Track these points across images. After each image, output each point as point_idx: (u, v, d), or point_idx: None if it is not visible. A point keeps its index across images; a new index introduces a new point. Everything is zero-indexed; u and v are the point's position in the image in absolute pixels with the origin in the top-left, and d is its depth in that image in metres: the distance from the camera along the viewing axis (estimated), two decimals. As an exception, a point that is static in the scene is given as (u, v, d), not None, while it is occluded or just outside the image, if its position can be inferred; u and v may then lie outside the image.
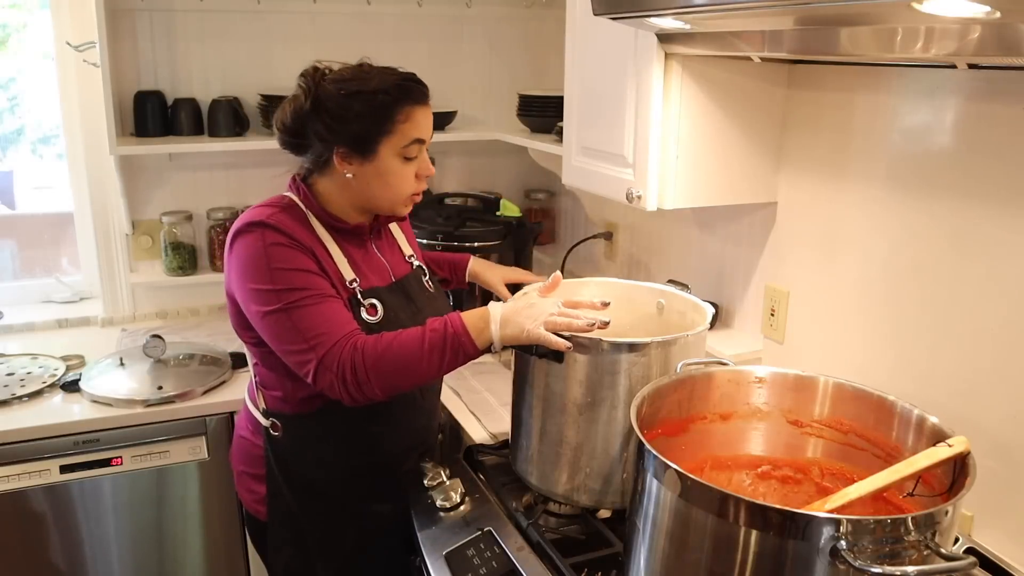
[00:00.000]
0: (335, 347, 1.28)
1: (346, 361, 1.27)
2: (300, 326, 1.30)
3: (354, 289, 1.41)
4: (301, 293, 1.31)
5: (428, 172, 1.43)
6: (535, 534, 1.34)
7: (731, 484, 1.21)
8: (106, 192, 2.37)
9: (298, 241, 1.35)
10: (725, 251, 1.92)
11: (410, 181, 1.41)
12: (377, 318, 1.42)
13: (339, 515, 1.55)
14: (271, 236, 1.33)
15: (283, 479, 1.51)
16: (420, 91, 1.38)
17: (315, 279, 1.34)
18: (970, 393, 1.32)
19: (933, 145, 1.36)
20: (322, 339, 1.29)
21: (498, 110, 2.74)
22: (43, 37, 2.40)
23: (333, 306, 1.34)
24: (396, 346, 1.28)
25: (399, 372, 1.28)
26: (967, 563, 0.84)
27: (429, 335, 1.28)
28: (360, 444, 1.51)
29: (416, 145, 1.38)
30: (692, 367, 1.24)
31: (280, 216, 1.37)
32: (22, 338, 2.34)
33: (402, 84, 1.36)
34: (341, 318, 1.33)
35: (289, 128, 1.38)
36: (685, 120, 1.58)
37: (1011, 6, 0.83)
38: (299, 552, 1.55)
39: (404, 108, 1.35)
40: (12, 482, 1.84)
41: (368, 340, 1.29)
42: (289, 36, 2.44)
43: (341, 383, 1.28)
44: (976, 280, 1.30)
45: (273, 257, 1.32)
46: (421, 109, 1.38)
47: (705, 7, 1.11)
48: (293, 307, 1.31)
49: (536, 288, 1.45)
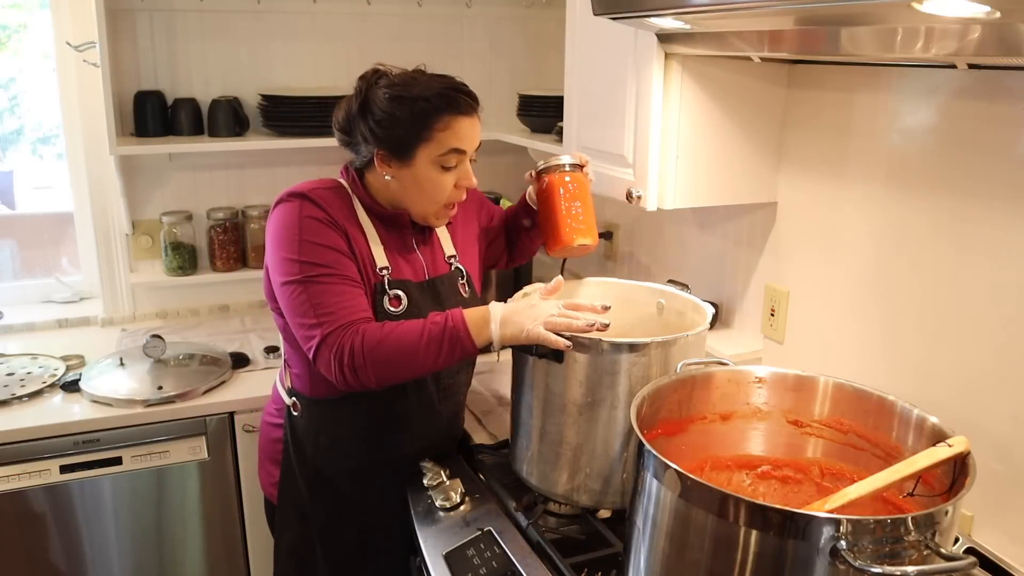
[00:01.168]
0: (340, 328, 1.31)
1: (346, 343, 1.29)
2: (314, 300, 1.32)
3: (383, 276, 1.43)
4: (323, 269, 1.34)
5: (467, 183, 1.43)
6: (535, 534, 1.34)
7: (731, 484, 1.21)
8: (106, 192, 2.37)
9: (334, 219, 1.38)
10: (725, 251, 1.92)
11: (445, 190, 1.41)
12: (400, 309, 1.43)
13: (343, 507, 1.56)
14: (308, 208, 1.37)
15: (296, 461, 1.55)
16: (464, 101, 1.38)
17: (342, 259, 1.36)
18: (970, 393, 1.32)
19: (933, 145, 1.36)
20: (331, 318, 1.31)
21: (498, 110, 2.74)
22: (43, 37, 2.40)
23: (351, 290, 1.36)
24: (396, 335, 1.30)
25: (395, 360, 1.30)
26: (967, 563, 0.84)
27: (429, 327, 1.30)
28: (372, 439, 1.53)
29: (454, 155, 1.38)
30: (692, 367, 1.24)
31: (323, 192, 1.41)
32: (22, 338, 2.34)
33: (445, 92, 1.37)
34: (356, 304, 1.35)
35: (342, 127, 1.44)
36: (685, 120, 1.58)
37: (1011, 6, 0.83)
38: (303, 536, 1.58)
39: (444, 117, 1.36)
40: (12, 482, 1.84)
41: (371, 326, 1.31)
42: (289, 36, 2.44)
43: (338, 364, 1.30)
44: (976, 280, 1.30)
45: (305, 229, 1.35)
46: (464, 120, 1.38)
47: (705, 7, 1.11)
48: (312, 281, 1.33)
49: (538, 289, 1.45)
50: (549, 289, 1.43)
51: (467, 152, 1.40)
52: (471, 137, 1.40)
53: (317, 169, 2.45)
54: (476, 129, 1.41)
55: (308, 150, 2.33)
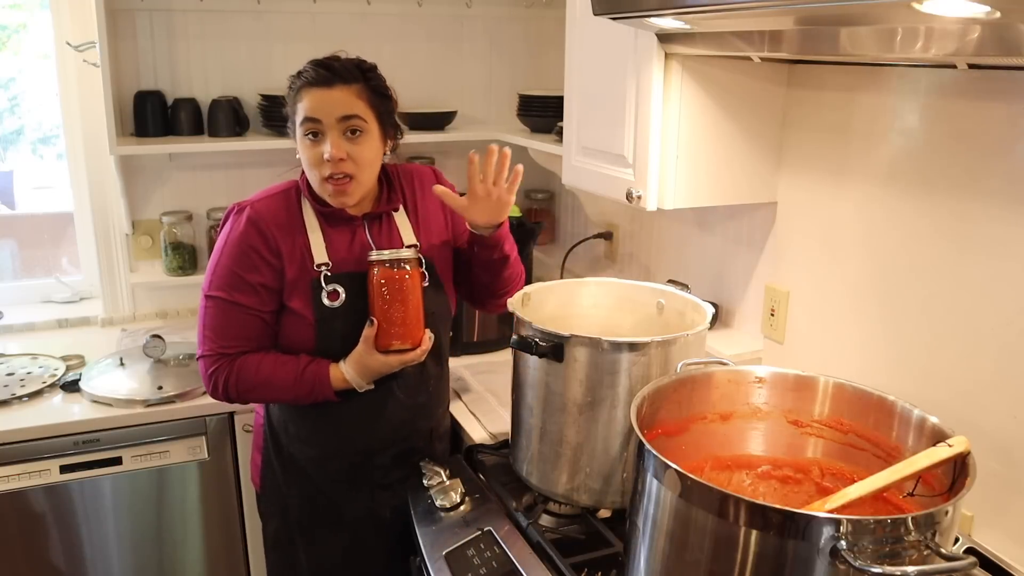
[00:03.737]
0: (218, 356, 1.46)
1: (220, 375, 1.46)
2: (207, 317, 1.47)
3: (320, 273, 1.47)
4: (227, 294, 1.45)
5: (327, 155, 1.40)
6: (535, 534, 1.34)
7: (731, 484, 1.21)
8: (106, 192, 2.37)
9: (267, 237, 1.45)
10: (725, 251, 1.92)
11: (314, 161, 1.43)
12: (338, 303, 1.48)
13: (317, 497, 1.59)
14: (242, 231, 1.45)
15: (274, 451, 1.60)
16: (317, 73, 1.41)
17: (249, 289, 1.45)
18: (970, 393, 1.32)
19: (933, 145, 1.36)
20: (213, 344, 1.46)
21: (498, 110, 2.74)
22: (43, 37, 2.40)
23: (245, 320, 1.46)
24: (266, 385, 1.47)
25: (264, 398, 1.55)
26: (967, 563, 0.84)
27: (298, 385, 1.46)
28: (331, 428, 1.55)
29: (309, 123, 1.41)
30: (692, 367, 1.24)
31: (267, 204, 1.48)
32: (22, 338, 2.34)
33: (304, 68, 1.43)
34: (243, 333, 1.46)
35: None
36: (685, 120, 1.58)
37: (1011, 6, 0.83)
38: (283, 525, 1.63)
39: (301, 90, 1.42)
40: (12, 482, 1.84)
41: (247, 366, 1.46)
42: (289, 36, 2.44)
43: (212, 387, 1.48)
44: (976, 280, 1.30)
45: (230, 252, 1.46)
46: (315, 91, 1.41)
47: (705, 7, 1.10)
48: (214, 301, 1.46)
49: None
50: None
51: (321, 122, 1.40)
52: (322, 108, 1.40)
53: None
54: (330, 99, 1.40)
55: (308, 150, 2.32)
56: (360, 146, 1.43)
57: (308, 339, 1.48)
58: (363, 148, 1.43)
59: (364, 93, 1.43)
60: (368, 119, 1.43)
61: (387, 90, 1.48)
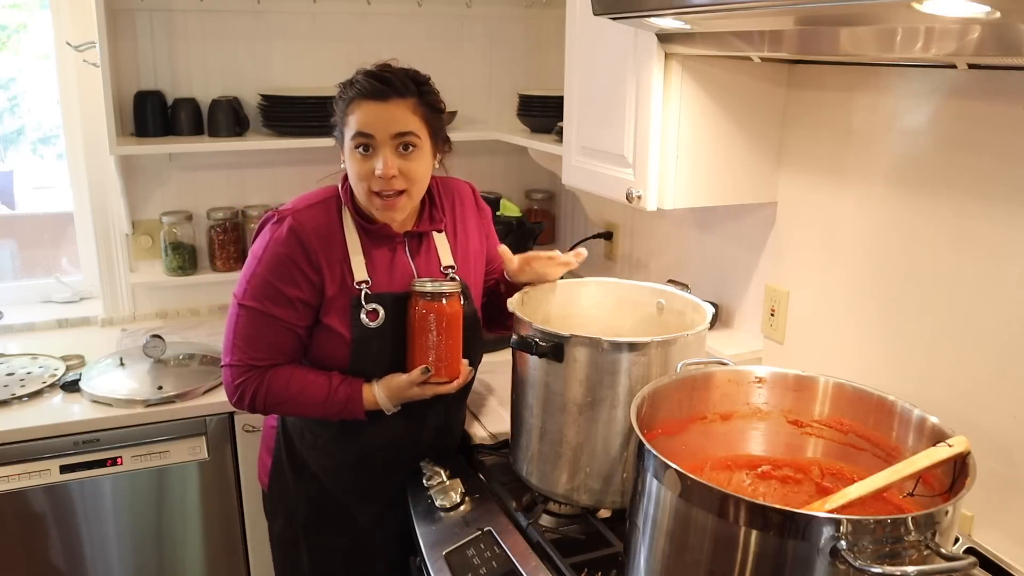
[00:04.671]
0: (247, 368, 1.43)
1: (249, 386, 1.43)
2: (239, 326, 1.43)
3: (360, 291, 1.43)
4: (263, 306, 1.41)
5: (379, 172, 1.36)
6: (535, 534, 1.34)
7: (731, 484, 1.20)
8: (106, 192, 2.37)
9: (309, 251, 1.40)
10: (725, 251, 1.92)
11: (363, 175, 1.38)
12: (377, 323, 1.44)
13: (327, 503, 1.59)
14: (284, 241, 1.40)
15: (286, 452, 1.58)
16: (371, 85, 1.36)
17: (287, 304, 1.41)
18: (970, 393, 1.32)
19: (933, 145, 1.36)
20: (244, 354, 1.43)
21: (498, 110, 2.74)
22: (43, 37, 2.40)
23: (279, 334, 1.43)
24: (297, 400, 1.44)
25: (291, 412, 1.50)
26: (967, 563, 0.84)
27: (329, 403, 1.44)
28: (351, 443, 1.54)
29: (361, 138, 1.37)
30: (692, 367, 1.24)
31: (310, 212, 1.43)
32: (22, 338, 2.34)
33: (358, 78, 1.38)
34: (276, 348, 1.43)
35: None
36: (685, 120, 1.58)
37: (1011, 6, 0.83)
38: (289, 526, 1.62)
39: (354, 101, 1.38)
40: (12, 482, 1.84)
41: (277, 379, 1.43)
42: (289, 36, 2.44)
43: (239, 397, 1.45)
44: (976, 280, 1.30)
45: (268, 262, 1.41)
46: (369, 104, 1.36)
47: (705, 7, 1.10)
48: (248, 311, 1.42)
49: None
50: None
51: (375, 137, 1.36)
52: (375, 123, 1.35)
53: (317, 169, 2.43)
54: (386, 114, 1.35)
55: (308, 150, 2.32)
56: (413, 162, 1.38)
57: (343, 357, 1.45)
58: (416, 164, 1.39)
59: (419, 108, 1.38)
60: (422, 135, 1.38)
61: (440, 104, 1.44)
